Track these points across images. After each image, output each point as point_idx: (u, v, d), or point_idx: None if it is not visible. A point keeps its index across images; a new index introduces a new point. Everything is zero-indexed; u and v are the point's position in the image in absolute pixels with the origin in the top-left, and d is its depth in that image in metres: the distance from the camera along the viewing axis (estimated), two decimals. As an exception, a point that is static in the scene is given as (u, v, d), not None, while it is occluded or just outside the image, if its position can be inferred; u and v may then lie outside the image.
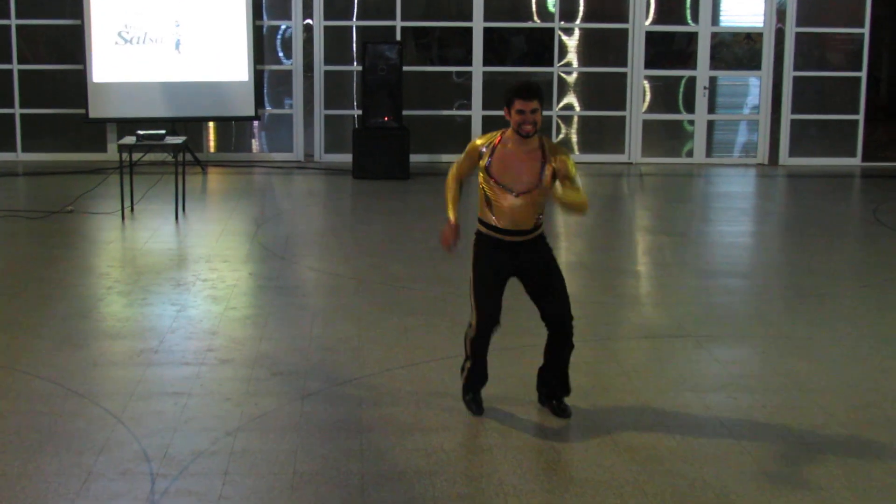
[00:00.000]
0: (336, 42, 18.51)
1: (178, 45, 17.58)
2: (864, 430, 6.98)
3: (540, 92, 6.69)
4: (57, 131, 18.31)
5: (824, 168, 18.66)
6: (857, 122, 19.08)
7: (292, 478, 6.15)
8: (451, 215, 7.06)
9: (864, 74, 18.98)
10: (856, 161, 19.11)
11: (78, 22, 17.51)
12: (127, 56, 17.47)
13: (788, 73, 18.84)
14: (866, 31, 18.86)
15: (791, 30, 18.76)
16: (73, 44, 17.80)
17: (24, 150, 18.32)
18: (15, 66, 18.15)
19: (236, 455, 6.45)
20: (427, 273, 10.81)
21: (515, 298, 7.28)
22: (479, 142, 6.94)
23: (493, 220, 6.89)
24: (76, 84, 17.69)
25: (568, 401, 7.17)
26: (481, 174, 6.86)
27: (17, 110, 18.25)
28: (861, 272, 11.72)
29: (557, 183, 6.79)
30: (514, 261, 6.94)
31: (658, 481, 6.17)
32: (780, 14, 18.73)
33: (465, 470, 6.37)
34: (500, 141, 6.84)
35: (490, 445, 6.69)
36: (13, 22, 18.03)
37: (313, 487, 6.05)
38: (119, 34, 17.41)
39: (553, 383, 7.17)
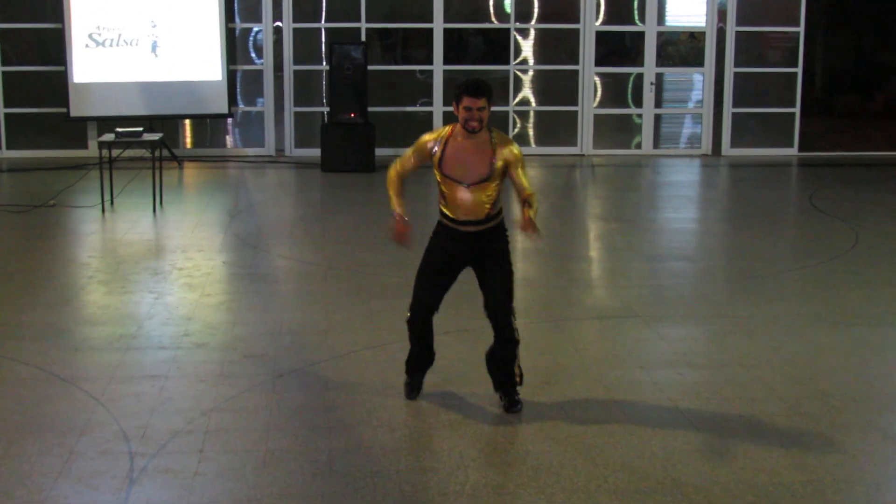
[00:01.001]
0: (304, 43, 18.44)
1: (154, 47, 17.48)
2: (801, 403, 7.02)
3: (488, 90, 6.58)
4: (39, 129, 18.15)
5: (764, 158, 18.75)
6: (794, 114, 19.18)
7: (264, 454, 6.13)
8: (398, 208, 6.82)
9: (800, 70, 19.10)
10: (793, 151, 19.22)
11: (58, 25, 17.37)
12: (105, 57, 17.35)
13: (729, 70, 18.92)
14: (801, 29, 18.96)
15: (731, 29, 18.83)
16: (54, 46, 17.65)
17: (9, 147, 18.16)
18: (-1, 68, 18.02)
19: (211, 434, 6.43)
20: (392, 259, 10.78)
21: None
22: (427, 138, 6.80)
23: (448, 211, 6.79)
24: (57, 84, 17.55)
25: (528, 377, 7.09)
26: (434, 169, 6.74)
27: (1, 109, 18.08)
28: (798, 255, 11.79)
29: (526, 208, 6.61)
30: (468, 251, 6.82)
31: (609, 453, 6.19)
32: (721, 14, 18.79)
33: (427, 444, 6.37)
34: (450, 135, 6.70)
35: (451, 421, 6.69)
36: (-4, 26, 17.89)
37: (284, 463, 6.03)
38: (96, 37, 17.29)
39: (497, 376, 7.00)
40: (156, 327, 8.61)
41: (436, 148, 6.71)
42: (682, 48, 19.46)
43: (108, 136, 13.69)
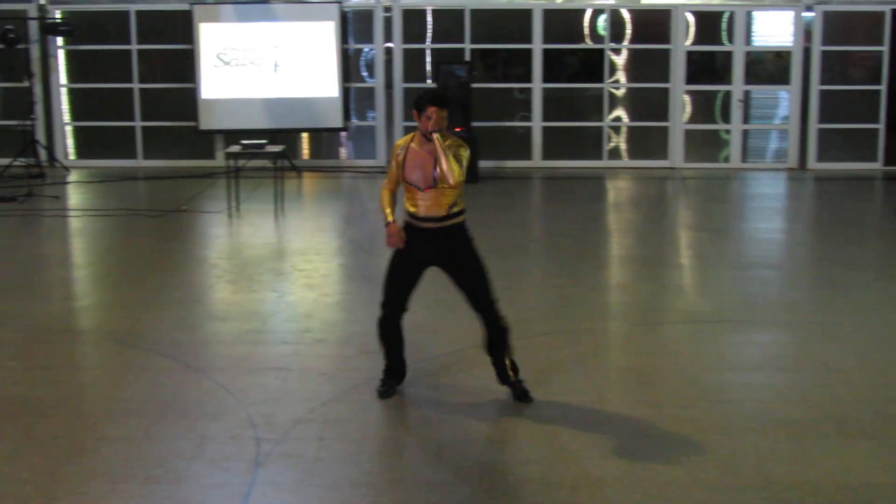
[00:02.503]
0: (413, 62, 18.51)
1: (276, 66, 17.70)
2: (888, 406, 6.85)
3: (449, 102, 6.58)
4: (172, 141, 18.48)
5: (848, 172, 18.34)
6: (878, 130, 18.76)
7: (379, 443, 6.19)
8: (390, 217, 6.75)
9: (884, 87, 18.67)
10: (877, 165, 18.77)
11: (189, 46, 17.68)
12: (231, 76, 17.63)
13: (815, 87, 18.57)
14: (886, 48, 18.55)
15: (817, 48, 18.49)
16: (185, 65, 17.96)
17: (145, 157, 18.51)
18: (136, 85, 18.35)
19: (330, 423, 6.48)
20: (494, 266, 10.66)
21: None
22: (399, 142, 6.78)
23: (411, 208, 6.71)
24: (188, 100, 17.86)
25: (624, 377, 7.08)
26: (399, 175, 6.70)
27: (138, 123, 18.44)
28: (883, 265, 11.53)
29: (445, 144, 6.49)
30: (431, 248, 6.74)
31: (701, 450, 6.11)
32: (807, 34, 18.47)
33: (530, 437, 6.33)
34: (410, 142, 6.70)
35: (551, 417, 6.63)
36: (134, 47, 18.22)
37: (397, 452, 6.07)
38: (223, 57, 17.57)
39: (499, 369, 6.94)
40: (279, 323, 8.70)
41: (400, 152, 6.70)
42: (769, 66, 19.17)
43: (235, 148, 13.91)
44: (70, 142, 18.66)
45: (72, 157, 18.58)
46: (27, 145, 16.35)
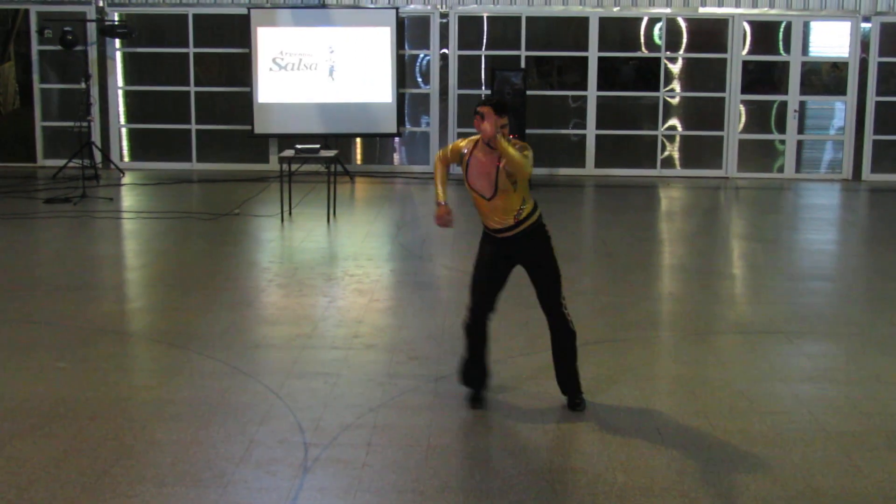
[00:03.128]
0: (468, 69, 18.54)
1: (331, 71, 17.79)
2: (940, 420, 6.78)
3: (505, 107, 6.50)
4: (226, 144, 18.66)
5: (903, 183, 18.19)
6: (933, 141, 18.60)
7: (426, 450, 6.16)
8: (441, 197, 6.90)
9: (940, 99, 18.51)
10: (933, 177, 18.62)
11: (246, 50, 17.81)
12: (287, 80, 17.75)
13: (871, 98, 18.40)
14: (943, 60, 18.38)
15: (874, 59, 18.32)
16: (241, 69, 18.10)
17: (199, 160, 18.69)
18: (192, 88, 18.53)
19: (378, 429, 6.48)
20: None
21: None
22: (461, 143, 6.78)
23: (484, 222, 6.85)
24: (243, 104, 18.02)
25: (674, 387, 7.06)
26: (466, 185, 6.76)
27: (193, 126, 18.62)
28: (937, 278, 11.39)
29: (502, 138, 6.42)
30: (508, 253, 6.81)
31: (750, 461, 6.05)
32: (864, 45, 18.29)
33: (578, 447, 6.31)
34: (473, 150, 6.69)
35: (599, 426, 6.60)
36: (191, 50, 18.40)
37: (444, 459, 6.04)
38: (279, 61, 17.69)
39: (563, 375, 6.94)
40: (329, 328, 8.72)
41: (465, 153, 6.72)
42: (825, 77, 18.98)
43: (288, 152, 13.97)
44: (125, 144, 18.88)
45: (126, 159, 18.80)
46: (83, 147, 16.55)
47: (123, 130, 18.83)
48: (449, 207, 6.89)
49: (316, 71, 17.80)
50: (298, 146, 13.95)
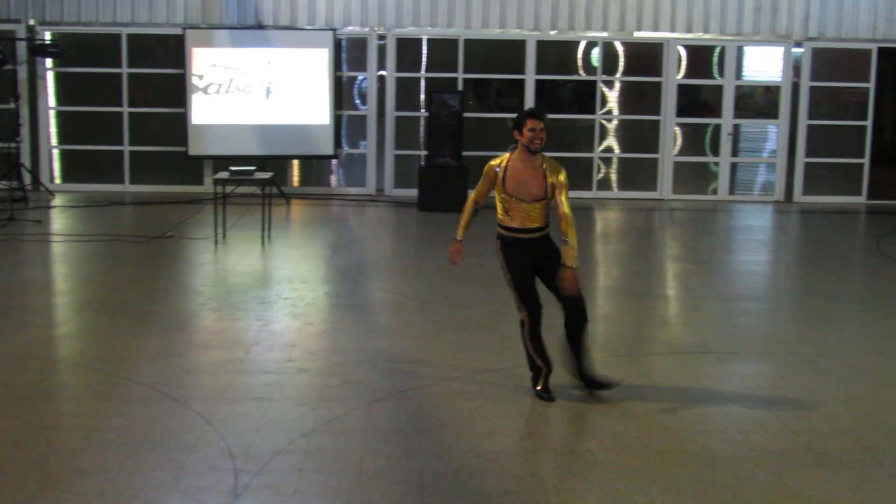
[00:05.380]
0: (405, 91, 18.57)
1: (268, 92, 17.73)
2: (866, 438, 6.85)
3: (546, 115, 7.37)
4: (160, 166, 18.51)
5: (834, 205, 18.47)
6: (863, 164, 18.94)
7: (359, 475, 6.12)
8: (459, 234, 7.66)
9: (869, 123, 18.86)
10: (862, 199, 18.94)
11: (180, 71, 17.70)
12: (222, 101, 17.64)
13: (803, 122, 18.72)
14: (872, 85, 18.72)
15: (806, 84, 18.63)
16: (176, 90, 17.98)
17: (132, 182, 18.51)
18: (125, 109, 18.37)
19: (310, 454, 6.43)
20: (481, 295, 10.76)
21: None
22: (493, 163, 7.47)
23: (511, 223, 7.41)
24: (178, 125, 17.89)
25: (607, 407, 7.15)
26: (499, 191, 7.39)
27: (126, 147, 18.45)
28: (865, 298, 11.53)
29: (569, 240, 7.21)
30: (531, 253, 7.40)
31: (682, 482, 6.08)
32: (796, 70, 18.59)
33: (511, 469, 6.29)
34: (509, 161, 7.37)
35: (534, 448, 6.65)
36: (124, 70, 18.25)
37: (377, 484, 6.01)
38: (214, 82, 17.59)
39: (579, 354, 7.47)
40: (262, 353, 8.64)
41: (498, 170, 7.39)
42: (759, 101, 19.25)
43: (223, 174, 13.88)
44: (56, 165, 18.65)
45: (58, 181, 18.57)
46: (11, 168, 16.30)
47: (55, 152, 18.60)
48: (462, 246, 7.65)
49: (252, 92, 17.72)
50: (233, 168, 13.86)
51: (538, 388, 7.49)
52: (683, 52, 18.60)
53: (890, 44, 18.63)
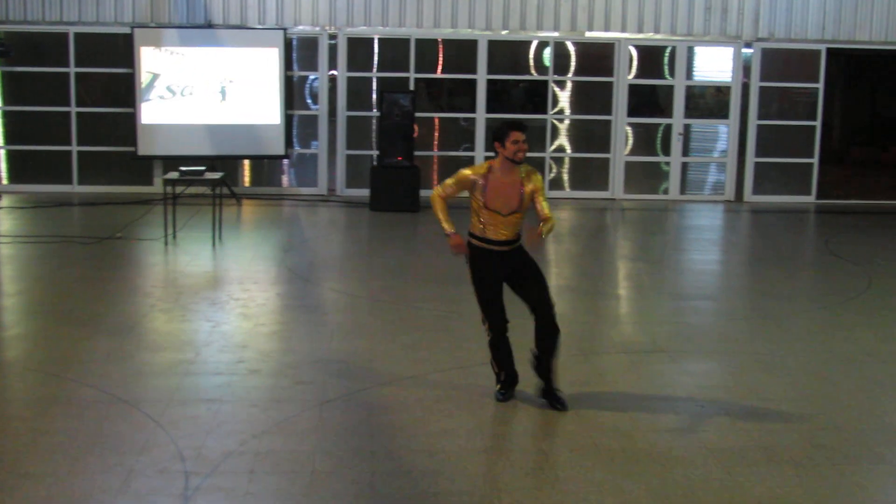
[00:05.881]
0: (357, 91, 18.54)
1: (217, 92, 17.62)
2: (816, 435, 6.92)
3: (527, 129, 7.31)
4: (109, 166, 18.34)
5: (783, 204, 18.66)
6: (812, 164, 19.13)
7: (311, 476, 6.10)
8: (449, 227, 7.27)
9: (818, 123, 19.06)
10: (811, 198, 19.14)
11: (129, 70, 17.56)
12: (171, 100, 17.52)
13: (753, 122, 18.88)
14: (821, 85, 18.92)
15: (755, 84, 18.80)
16: (125, 89, 17.83)
17: (80, 182, 18.34)
18: (74, 109, 18.20)
19: (261, 455, 6.40)
20: (433, 294, 10.77)
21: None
22: (468, 172, 7.27)
23: (486, 234, 7.25)
24: (127, 125, 17.75)
25: (556, 408, 7.17)
26: (476, 202, 7.20)
27: (75, 147, 18.28)
28: (815, 296, 11.67)
29: (542, 225, 7.08)
30: (503, 266, 7.27)
31: (635, 480, 6.12)
32: (746, 70, 18.75)
33: (463, 469, 6.30)
34: (489, 172, 7.21)
35: (486, 448, 6.66)
36: (72, 70, 18.07)
37: (329, 484, 6.00)
38: (164, 81, 17.46)
39: (544, 369, 7.32)
40: (213, 354, 8.60)
41: (479, 181, 7.20)
42: (709, 101, 19.40)
43: (173, 175, 13.79)
44: (3, 166, 18.44)
45: (5, 181, 18.37)
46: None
47: (2, 152, 18.40)
48: (461, 236, 7.26)
49: (201, 92, 17.61)
50: (183, 168, 13.76)
51: (497, 387, 7.52)
52: (634, 53, 18.71)
53: (839, 44, 18.84)
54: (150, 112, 17.49)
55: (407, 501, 5.80)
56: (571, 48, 18.70)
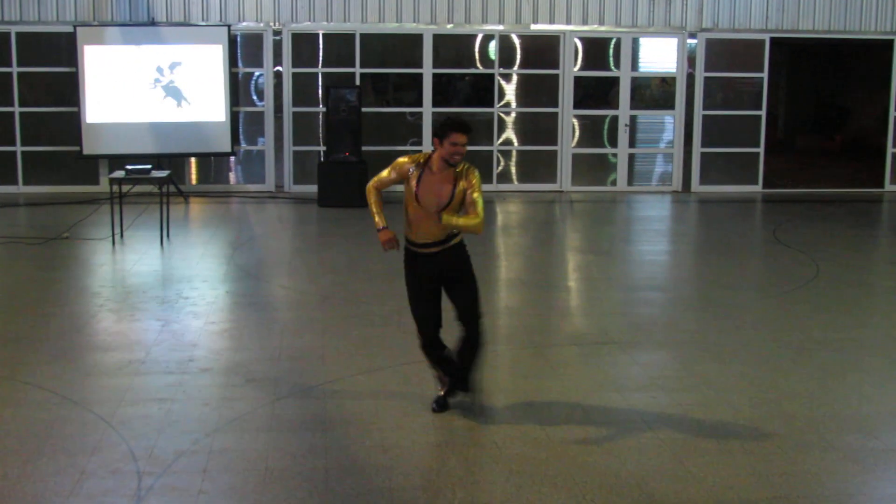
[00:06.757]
0: (303, 87, 18.48)
1: (162, 89, 17.49)
2: (766, 424, 7.02)
3: (472, 130, 6.91)
4: (54, 166, 18.16)
5: (730, 194, 18.83)
6: (758, 154, 19.32)
7: (264, 473, 6.10)
8: (381, 221, 6.97)
9: (763, 113, 19.25)
10: (757, 188, 19.32)
11: (73, 69, 17.39)
12: (116, 99, 17.37)
13: (698, 112, 19.02)
14: (765, 75, 19.11)
15: (700, 74, 18.95)
16: (69, 88, 17.66)
17: (25, 183, 18.15)
18: (17, 109, 17.99)
19: (214, 454, 6.39)
20: (383, 290, 10.78)
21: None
22: (405, 160, 6.95)
23: (412, 236, 6.98)
24: (71, 124, 17.57)
25: (511, 400, 7.20)
26: (408, 192, 6.90)
27: (19, 148, 18.08)
28: (763, 285, 11.80)
29: (453, 213, 6.84)
30: (431, 268, 6.97)
31: (587, 472, 6.17)
32: (691, 61, 18.90)
33: (418, 464, 6.34)
34: (425, 165, 6.90)
35: (440, 442, 6.69)
36: (14, 69, 17.87)
37: (283, 482, 6.00)
38: (108, 80, 17.31)
39: (456, 377, 7.17)
40: (163, 353, 8.56)
41: (412, 170, 6.90)
42: (655, 92, 19.53)
43: (119, 173, 13.68)
44: (-53, 167, 18.21)
45: (-51, 183, 18.14)
46: None
47: (-57, 153, 18.18)
48: (391, 231, 6.93)
49: (146, 90, 17.48)
50: (129, 167, 13.66)
51: (440, 392, 7.31)
52: (580, 45, 18.80)
53: (782, 34, 19.04)
54: (95, 111, 17.32)
55: (361, 497, 5.81)
56: (517, 41, 18.76)
